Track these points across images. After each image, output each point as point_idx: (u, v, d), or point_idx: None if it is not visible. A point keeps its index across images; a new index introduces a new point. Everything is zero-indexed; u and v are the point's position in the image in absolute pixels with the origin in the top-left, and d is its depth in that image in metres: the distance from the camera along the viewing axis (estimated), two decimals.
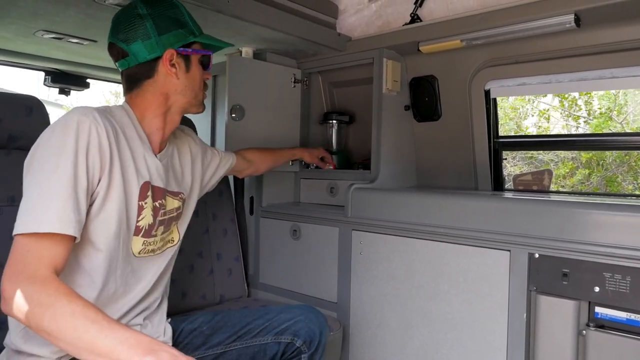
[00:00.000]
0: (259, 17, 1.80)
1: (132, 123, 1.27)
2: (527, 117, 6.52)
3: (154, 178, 1.30)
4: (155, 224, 1.30)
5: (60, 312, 0.92)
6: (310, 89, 2.46)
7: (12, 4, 1.61)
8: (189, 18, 1.32)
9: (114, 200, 1.16)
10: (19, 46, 2.17)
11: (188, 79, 1.31)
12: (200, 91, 1.37)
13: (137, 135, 1.27)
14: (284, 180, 2.41)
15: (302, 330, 1.45)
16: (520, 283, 1.51)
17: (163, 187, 1.34)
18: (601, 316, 1.40)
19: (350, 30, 2.22)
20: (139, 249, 1.28)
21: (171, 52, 1.26)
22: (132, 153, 1.24)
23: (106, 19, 1.72)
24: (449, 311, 1.67)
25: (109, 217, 1.16)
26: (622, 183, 5.69)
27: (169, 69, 1.27)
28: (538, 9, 1.64)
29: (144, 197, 1.25)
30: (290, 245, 2.20)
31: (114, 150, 1.16)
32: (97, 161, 1.12)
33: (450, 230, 1.66)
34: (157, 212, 1.31)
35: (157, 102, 1.29)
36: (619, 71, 1.71)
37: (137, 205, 1.24)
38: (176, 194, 1.41)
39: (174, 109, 1.33)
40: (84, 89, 2.74)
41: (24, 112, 1.65)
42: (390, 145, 2.13)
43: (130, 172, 1.22)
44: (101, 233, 1.16)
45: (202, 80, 1.37)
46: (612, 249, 1.34)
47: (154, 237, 1.32)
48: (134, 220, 1.24)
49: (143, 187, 1.25)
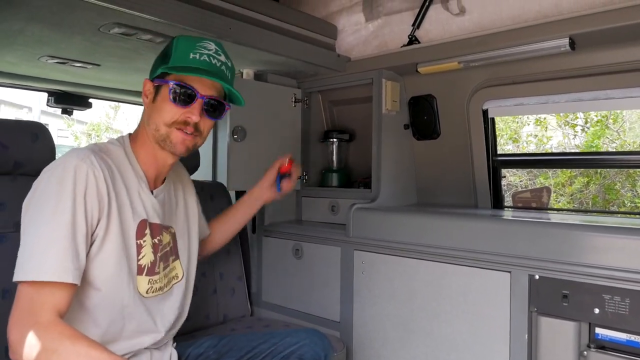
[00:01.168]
0: (259, 42, 1.83)
1: (128, 159, 1.28)
2: (525, 125, 6.55)
3: (151, 215, 1.30)
4: (156, 260, 1.31)
5: (65, 355, 0.94)
6: (310, 108, 2.49)
7: (19, 33, 1.64)
8: (180, 51, 1.27)
9: (112, 241, 1.18)
10: (23, 70, 2.20)
11: (152, 109, 1.29)
12: (165, 126, 1.25)
13: (133, 171, 1.28)
14: (285, 198, 2.42)
15: (307, 353, 1.46)
16: (521, 304, 1.53)
17: (159, 222, 1.33)
18: (602, 337, 1.42)
19: (349, 49, 2.25)
20: (145, 288, 1.28)
21: (145, 81, 1.31)
22: (128, 191, 1.25)
23: (110, 46, 1.77)
24: (451, 332, 1.69)
25: (107, 257, 1.17)
26: (621, 190, 5.71)
27: (144, 97, 1.31)
28: (534, 33, 1.67)
29: (142, 235, 1.26)
30: (292, 264, 2.22)
31: (111, 192, 1.18)
32: (95, 205, 1.14)
33: (451, 251, 1.68)
34: (157, 248, 1.31)
35: (143, 132, 1.31)
36: (614, 92, 1.74)
37: (136, 244, 1.24)
38: (167, 228, 1.39)
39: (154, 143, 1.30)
40: (86, 108, 2.77)
41: (30, 138, 1.67)
42: (391, 164, 2.16)
43: (126, 211, 1.23)
44: (100, 273, 1.17)
45: (172, 116, 1.25)
46: (612, 271, 1.36)
47: (157, 275, 1.32)
48: (135, 259, 1.24)
49: (140, 225, 1.26)
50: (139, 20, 1.50)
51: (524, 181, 5.97)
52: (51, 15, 1.45)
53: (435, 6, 1.96)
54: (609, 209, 5.52)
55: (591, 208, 5.55)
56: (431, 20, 1.98)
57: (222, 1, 1.72)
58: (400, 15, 2.08)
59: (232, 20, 1.72)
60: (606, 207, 5.58)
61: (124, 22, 1.51)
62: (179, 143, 1.26)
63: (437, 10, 1.96)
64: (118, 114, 10.19)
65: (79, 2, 1.34)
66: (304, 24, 2.09)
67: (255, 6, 1.85)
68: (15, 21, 1.51)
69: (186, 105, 1.25)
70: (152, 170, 1.33)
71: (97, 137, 10.06)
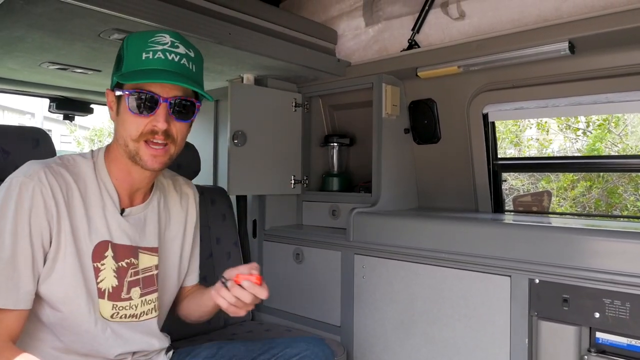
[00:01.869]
0: (259, 47, 1.84)
1: (97, 175, 1.19)
2: (527, 129, 6.55)
3: (116, 236, 1.20)
4: (122, 285, 1.20)
5: None
6: (311, 112, 2.50)
7: (20, 40, 1.65)
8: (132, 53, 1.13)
9: (65, 262, 1.11)
10: (25, 76, 2.22)
11: (117, 122, 1.17)
12: (133, 142, 1.14)
13: (98, 188, 1.19)
14: (286, 202, 2.43)
15: None
16: (522, 308, 1.52)
17: (130, 244, 1.22)
18: (602, 341, 1.42)
19: (349, 54, 2.26)
20: (109, 313, 1.19)
21: (107, 91, 1.19)
22: (87, 210, 1.16)
23: (111, 52, 1.77)
24: (452, 336, 1.69)
25: (60, 278, 1.11)
26: (624, 194, 5.70)
27: (109, 110, 1.21)
28: (533, 37, 1.67)
29: (100, 258, 1.17)
30: (293, 268, 2.22)
31: (62, 211, 1.10)
32: (44, 224, 1.08)
33: (451, 255, 1.68)
34: (124, 272, 1.21)
35: (115, 146, 1.20)
36: (613, 96, 1.74)
37: (93, 267, 1.16)
38: (153, 250, 1.28)
39: (127, 158, 1.18)
40: (87, 114, 2.78)
41: (31, 144, 1.68)
42: (391, 168, 2.16)
43: (81, 232, 1.14)
44: (54, 294, 1.11)
45: (138, 127, 1.13)
46: (612, 275, 1.36)
47: (128, 301, 1.22)
48: (93, 282, 1.16)
49: (98, 247, 1.17)
50: (139, 26, 1.50)
51: (525, 185, 5.96)
52: (51, 22, 1.46)
53: (435, 11, 1.97)
54: (612, 213, 5.50)
55: (593, 212, 5.53)
56: (431, 24, 1.99)
57: (222, 6, 1.73)
58: (400, 20, 2.08)
59: (232, 25, 1.73)
60: (609, 211, 5.57)
61: (124, 28, 1.52)
62: (149, 160, 1.14)
63: (437, 14, 1.96)
64: None
65: (78, 9, 1.35)
66: (304, 28, 2.10)
67: (254, 11, 1.86)
68: (15, 28, 1.52)
69: (150, 113, 1.12)
70: (126, 186, 1.22)
71: (100, 142, 10.09)
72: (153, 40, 1.13)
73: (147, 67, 1.11)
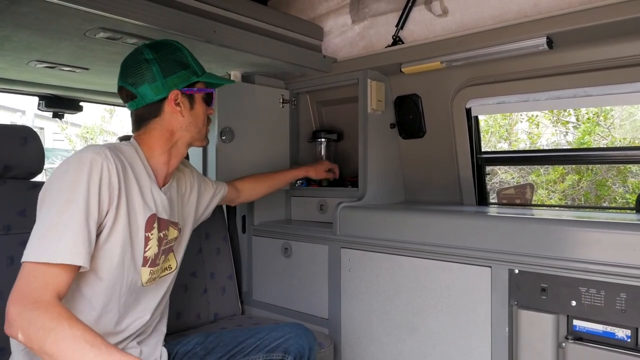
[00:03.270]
0: (245, 45, 1.86)
1: (140, 159, 1.35)
2: (517, 123, 6.60)
3: (160, 210, 1.38)
4: (159, 253, 1.39)
5: (62, 335, 0.97)
6: (298, 108, 2.53)
7: (6, 39, 1.66)
8: (192, 59, 1.40)
9: (119, 232, 1.24)
10: (13, 74, 2.23)
11: (192, 116, 1.40)
12: (204, 126, 1.46)
13: (145, 171, 1.36)
14: (274, 198, 2.46)
15: (292, 347, 1.51)
16: (502, 298, 1.56)
17: (167, 218, 1.42)
18: (579, 329, 1.46)
19: (336, 51, 2.29)
20: (147, 279, 1.36)
21: (176, 92, 1.36)
22: (140, 188, 1.32)
23: (97, 50, 1.80)
24: (435, 326, 1.72)
25: (113, 247, 1.23)
26: (612, 187, 5.77)
27: (174, 108, 1.36)
28: (512, 32, 1.71)
29: (150, 229, 1.33)
30: (282, 263, 2.25)
31: (122, 186, 1.24)
32: (106, 196, 1.20)
33: (434, 247, 1.72)
34: (162, 242, 1.40)
35: (163, 139, 1.38)
36: (592, 90, 1.77)
37: (144, 237, 1.31)
38: (175, 224, 1.48)
39: (179, 144, 1.42)
40: (77, 112, 2.79)
41: (19, 142, 1.70)
42: (377, 163, 2.19)
43: (137, 205, 1.30)
44: (104, 262, 1.23)
45: (206, 116, 1.46)
46: (587, 264, 1.40)
47: (157, 266, 1.40)
48: (141, 251, 1.31)
49: (149, 219, 1.33)
50: (124, 24, 1.53)
51: (516, 179, 6.01)
52: (37, 21, 1.48)
53: (418, 7, 2.00)
54: (601, 205, 5.57)
55: (581, 204, 5.60)
56: (415, 21, 2.02)
57: (207, 4, 1.75)
58: (386, 16, 2.11)
59: (217, 23, 1.76)
60: (598, 203, 5.63)
61: (109, 27, 1.54)
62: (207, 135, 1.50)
63: (421, 11, 1.99)
64: (113, 117, 10.21)
65: (63, 9, 1.37)
66: (290, 26, 2.12)
67: (239, 9, 1.88)
68: (1, 27, 1.53)
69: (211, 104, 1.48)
70: (162, 172, 1.42)
71: (92, 139, 10.06)
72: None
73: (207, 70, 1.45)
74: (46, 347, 0.97)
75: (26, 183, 1.74)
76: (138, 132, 1.39)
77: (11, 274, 1.60)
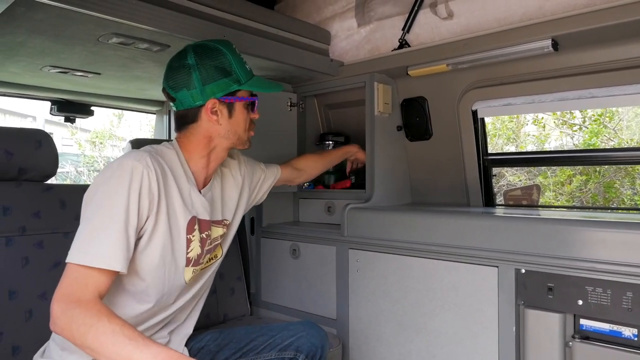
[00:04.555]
0: (253, 49, 1.89)
1: (180, 162, 1.39)
2: (524, 125, 6.59)
3: (200, 212, 1.42)
4: (203, 253, 1.43)
5: (102, 330, 1.03)
6: (306, 111, 2.55)
7: (21, 45, 1.70)
8: (237, 66, 1.38)
9: (159, 236, 1.29)
10: (27, 80, 2.27)
11: (230, 124, 1.40)
12: (245, 132, 1.46)
13: (184, 174, 1.39)
14: (283, 200, 2.49)
15: (304, 345, 1.52)
16: (509, 298, 1.58)
17: (208, 219, 1.45)
18: (586, 328, 1.47)
19: (342, 54, 2.31)
20: (190, 277, 1.41)
21: (213, 101, 1.36)
22: (180, 191, 1.35)
23: (109, 55, 1.84)
24: (443, 326, 1.74)
25: (153, 251, 1.29)
26: (620, 189, 5.74)
27: (210, 116, 1.37)
28: (517, 35, 1.73)
29: (192, 231, 1.38)
30: (290, 264, 2.27)
31: (162, 192, 1.28)
32: (146, 203, 1.24)
33: (441, 247, 1.73)
34: (204, 242, 1.44)
35: (201, 145, 1.40)
36: (597, 91, 1.79)
37: (186, 239, 1.36)
38: (219, 222, 1.52)
39: (218, 149, 1.43)
40: (88, 116, 2.83)
41: (34, 145, 1.74)
42: (384, 165, 2.21)
43: (177, 209, 1.34)
44: (145, 265, 1.28)
45: (247, 122, 1.45)
46: (593, 263, 1.41)
47: (201, 265, 1.45)
48: (183, 253, 1.36)
49: (190, 221, 1.37)
50: (136, 30, 1.56)
51: (523, 181, 6.00)
52: (52, 27, 1.51)
53: (424, 11, 2.02)
54: (610, 207, 5.54)
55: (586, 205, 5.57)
56: (421, 24, 2.04)
57: (216, 10, 1.78)
58: (392, 20, 2.14)
59: (227, 28, 1.79)
60: (606, 205, 5.61)
61: (122, 32, 1.58)
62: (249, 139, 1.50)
63: (427, 14, 2.02)
64: (122, 122, 10.29)
65: (78, 15, 1.41)
66: (297, 30, 2.15)
67: (248, 14, 1.91)
68: (17, 34, 1.57)
69: (254, 109, 1.48)
70: (202, 175, 1.44)
71: (101, 144, 10.15)
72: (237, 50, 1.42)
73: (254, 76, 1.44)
74: (88, 342, 1.03)
75: (41, 185, 1.78)
76: (179, 134, 1.43)
77: (26, 274, 1.65)
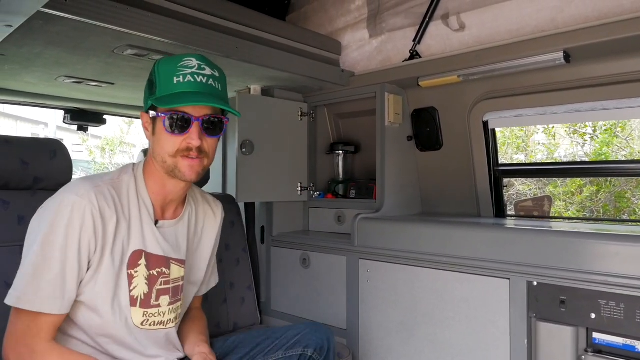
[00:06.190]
0: (265, 60, 1.91)
1: (137, 189, 1.30)
2: (533, 134, 6.56)
3: (150, 246, 1.30)
4: (151, 293, 1.30)
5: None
6: (316, 121, 2.57)
7: (37, 56, 1.73)
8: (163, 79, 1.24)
9: (105, 271, 1.22)
10: (41, 89, 2.31)
11: (154, 142, 1.28)
12: (171, 157, 1.25)
13: (138, 201, 1.29)
14: (293, 209, 2.50)
15: (311, 340, 1.50)
16: (521, 310, 1.57)
17: (163, 255, 1.32)
18: (599, 342, 1.46)
19: (354, 65, 2.33)
20: (140, 320, 1.29)
21: (142, 114, 1.30)
22: (129, 221, 1.26)
23: (123, 66, 1.86)
24: (454, 337, 1.73)
25: (101, 285, 1.22)
26: (632, 199, 5.68)
27: (144, 131, 1.31)
28: (529, 47, 1.73)
29: (134, 266, 1.26)
30: (300, 273, 2.28)
31: (107, 227, 1.21)
32: (91, 239, 1.18)
33: (452, 258, 1.73)
34: (154, 280, 1.30)
35: (151, 165, 1.31)
36: (609, 103, 1.78)
37: (127, 274, 1.25)
38: (179, 261, 1.38)
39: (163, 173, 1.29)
40: (101, 125, 2.87)
41: (49, 155, 1.76)
42: (395, 175, 2.21)
43: (122, 241, 1.24)
44: (94, 299, 1.22)
45: (173, 146, 1.24)
46: (606, 277, 1.40)
47: (157, 308, 1.31)
48: (126, 289, 1.25)
49: (133, 255, 1.26)
50: (151, 42, 1.58)
51: (533, 190, 5.97)
52: (68, 39, 1.54)
53: (435, 22, 2.03)
54: (620, 217, 5.49)
55: (599, 217, 5.52)
56: (432, 35, 2.05)
57: (229, 22, 1.80)
58: (403, 31, 2.15)
59: (239, 39, 1.81)
60: (617, 215, 5.56)
61: (137, 45, 1.60)
62: (187, 170, 1.25)
63: (438, 26, 2.03)
64: (132, 129, 10.39)
65: (94, 28, 1.43)
66: (309, 41, 2.17)
67: (260, 25, 1.94)
68: (34, 46, 1.60)
69: (184, 132, 1.23)
70: (160, 199, 1.33)
71: (111, 151, 10.24)
72: (182, 64, 1.24)
73: (179, 91, 1.22)
74: None
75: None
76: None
77: None
